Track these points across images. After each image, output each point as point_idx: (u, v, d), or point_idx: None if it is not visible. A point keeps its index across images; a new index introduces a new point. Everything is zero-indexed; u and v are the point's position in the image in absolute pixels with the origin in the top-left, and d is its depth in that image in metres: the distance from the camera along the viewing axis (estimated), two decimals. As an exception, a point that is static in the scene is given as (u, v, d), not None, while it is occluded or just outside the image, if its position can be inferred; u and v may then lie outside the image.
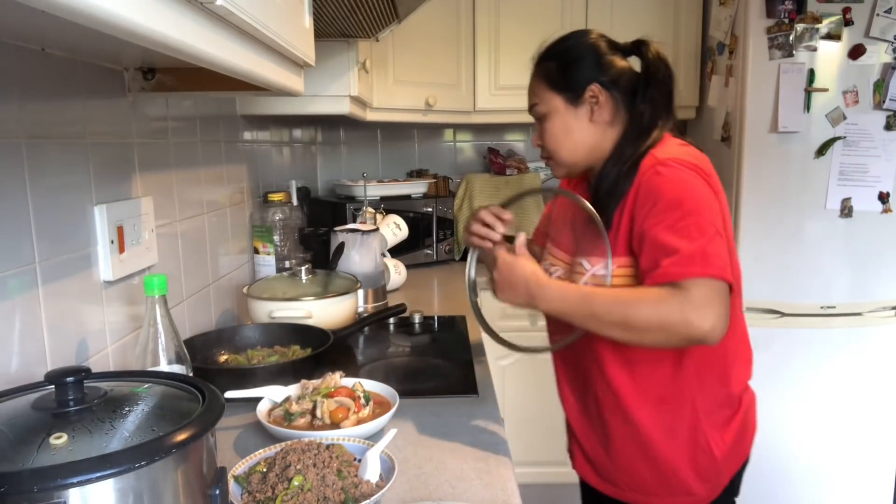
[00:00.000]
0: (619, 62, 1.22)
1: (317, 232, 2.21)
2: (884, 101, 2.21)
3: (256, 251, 1.99)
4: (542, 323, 1.35)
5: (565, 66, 1.22)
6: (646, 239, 1.08)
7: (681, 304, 1.02)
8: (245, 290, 1.67)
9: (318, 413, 1.11)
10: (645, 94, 1.19)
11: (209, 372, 1.31)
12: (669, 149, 1.15)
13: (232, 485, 0.89)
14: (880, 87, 2.20)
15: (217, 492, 0.65)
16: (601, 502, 1.31)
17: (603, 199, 1.16)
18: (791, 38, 2.19)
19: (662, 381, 1.18)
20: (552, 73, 1.23)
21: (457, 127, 3.11)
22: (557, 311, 1.13)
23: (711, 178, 1.13)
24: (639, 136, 1.18)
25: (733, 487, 1.26)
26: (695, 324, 1.01)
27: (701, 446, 1.19)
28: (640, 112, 1.19)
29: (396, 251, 2.37)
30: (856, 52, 2.19)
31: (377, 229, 2.04)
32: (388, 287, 2.14)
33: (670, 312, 1.02)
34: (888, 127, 2.22)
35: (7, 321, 0.89)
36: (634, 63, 1.24)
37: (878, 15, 2.17)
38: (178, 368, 1.00)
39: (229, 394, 1.16)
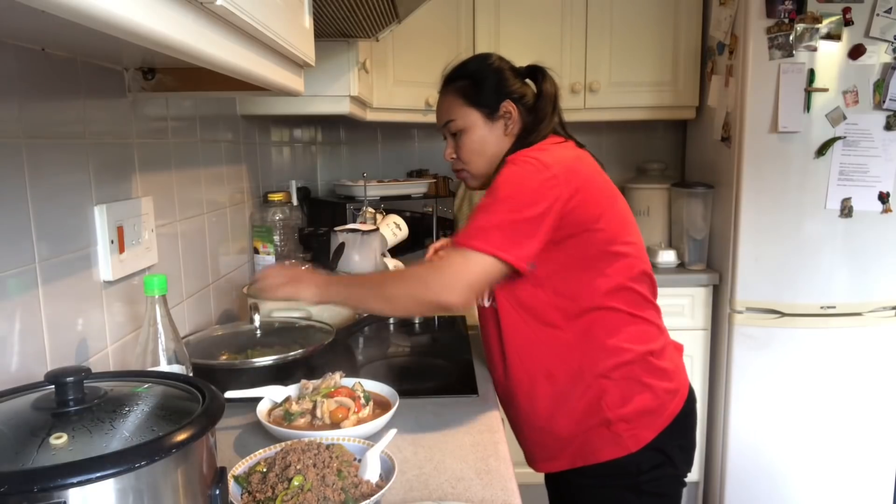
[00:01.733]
0: (520, 84, 1.36)
1: (317, 232, 2.21)
2: (884, 101, 2.21)
3: (256, 251, 1.98)
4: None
5: (481, 84, 1.33)
6: None
7: (428, 276, 1.17)
8: (245, 289, 1.66)
9: (318, 413, 1.11)
10: (535, 108, 1.33)
11: (209, 372, 1.31)
12: (539, 147, 1.26)
13: (232, 485, 0.89)
14: (880, 87, 2.20)
15: (217, 492, 0.65)
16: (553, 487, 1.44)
17: None
18: (791, 38, 2.19)
19: (546, 353, 1.27)
20: (468, 90, 1.34)
21: (457, 127, 3.11)
22: (339, 295, 1.26)
23: (554, 167, 1.18)
24: (523, 141, 1.31)
25: (667, 453, 1.27)
26: (434, 289, 1.14)
27: (594, 408, 1.25)
28: (528, 122, 1.34)
29: (396, 251, 2.36)
30: (856, 52, 2.19)
31: (377, 229, 2.04)
32: (388, 287, 2.13)
33: (416, 284, 1.18)
34: (888, 127, 2.22)
35: (7, 321, 0.89)
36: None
37: (878, 15, 2.17)
38: (178, 368, 1.00)
39: (229, 394, 1.16)
